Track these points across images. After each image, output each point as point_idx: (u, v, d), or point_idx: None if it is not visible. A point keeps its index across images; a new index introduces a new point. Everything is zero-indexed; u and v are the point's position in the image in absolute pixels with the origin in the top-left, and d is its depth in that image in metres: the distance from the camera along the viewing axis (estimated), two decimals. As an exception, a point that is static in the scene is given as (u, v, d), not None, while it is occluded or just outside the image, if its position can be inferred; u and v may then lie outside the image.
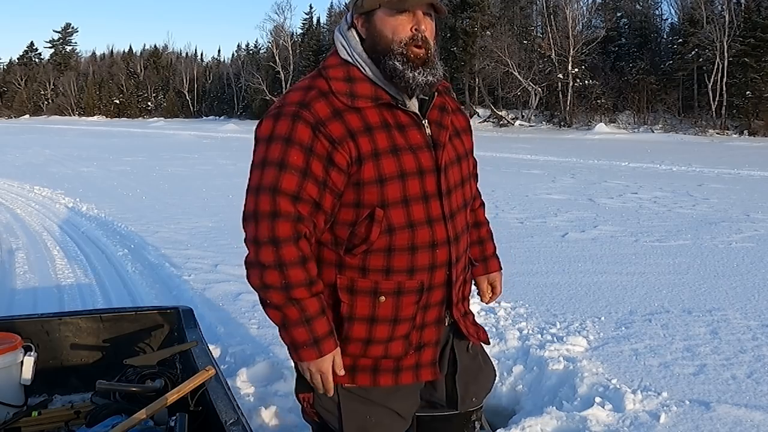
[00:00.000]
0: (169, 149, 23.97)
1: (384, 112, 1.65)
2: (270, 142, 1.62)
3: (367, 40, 1.65)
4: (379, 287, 1.67)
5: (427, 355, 1.78)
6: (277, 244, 1.59)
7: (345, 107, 1.61)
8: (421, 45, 1.61)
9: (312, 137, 1.58)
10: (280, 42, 59.52)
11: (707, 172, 14.20)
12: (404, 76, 1.61)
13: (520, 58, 39.37)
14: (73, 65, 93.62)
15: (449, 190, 1.71)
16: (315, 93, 1.63)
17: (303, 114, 1.59)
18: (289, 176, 1.58)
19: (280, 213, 1.59)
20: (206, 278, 5.58)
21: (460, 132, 1.82)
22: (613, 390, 3.20)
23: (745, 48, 32.10)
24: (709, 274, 5.52)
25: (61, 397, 2.88)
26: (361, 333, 1.70)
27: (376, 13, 1.63)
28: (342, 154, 1.59)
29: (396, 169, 1.62)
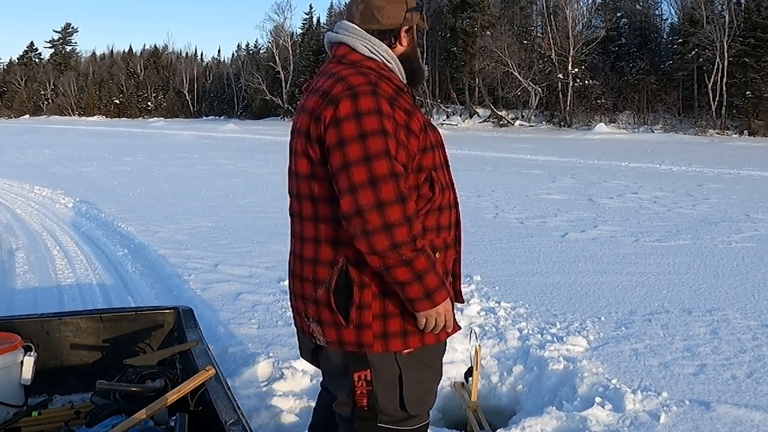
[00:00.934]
0: (169, 149, 23.97)
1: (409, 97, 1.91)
2: (361, 117, 1.74)
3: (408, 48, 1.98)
4: (434, 244, 1.87)
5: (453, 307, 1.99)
6: (404, 200, 1.73)
7: (398, 88, 1.86)
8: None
9: (391, 110, 1.78)
10: (280, 42, 59.54)
11: (707, 172, 14.20)
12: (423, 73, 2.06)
13: (520, 58, 39.38)
14: (73, 65, 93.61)
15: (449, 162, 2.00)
16: (374, 76, 1.83)
17: (379, 91, 1.78)
18: (392, 142, 1.75)
19: (398, 173, 1.74)
20: (206, 278, 5.57)
21: None
22: (613, 390, 3.20)
23: (745, 48, 32.12)
24: (709, 274, 5.52)
25: (61, 397, 2.89)
26: None
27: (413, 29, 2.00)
28: (416, 121, 1.82)
29: (434, 139, 1.91)
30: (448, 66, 44.03)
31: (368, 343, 1.85)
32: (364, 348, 1.86)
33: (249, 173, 14.56)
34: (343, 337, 1.86)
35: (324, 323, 1.87)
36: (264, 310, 4.68)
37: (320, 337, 1.91)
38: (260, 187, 12.14)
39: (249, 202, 10.13)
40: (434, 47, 44.95)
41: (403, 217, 1.71)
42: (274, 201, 10.22)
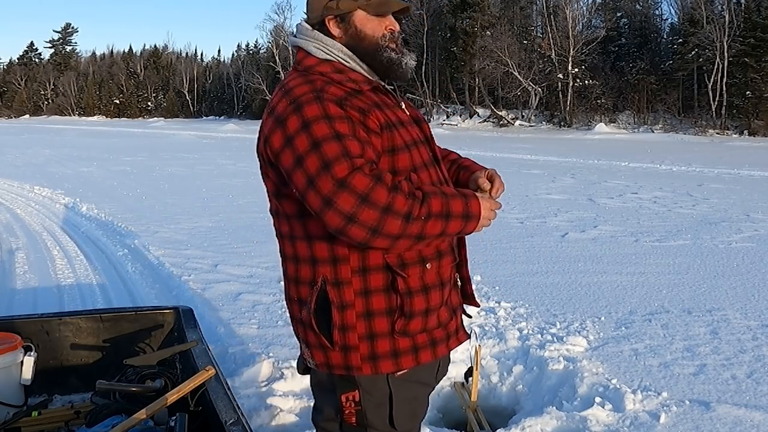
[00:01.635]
0: (169, 149, 23.97)
1: (379, 95, 1.77)
2: (308, 126, 1.61)
3: (344, 39, 1.78)
4: (423, 254, 1.73)
5: (459, 317, 1.89)
6: (380, 179, 1.59)
7: (351, 90, 1.70)
8: (397, 41, 1.81)
9: (342, 111, 1.64)
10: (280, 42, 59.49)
11: (707, 172, 14.20)
12: (401, 62, 1.79)
13: (520, 58, 39.38)
14: (73, 65, 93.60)
15: (438, 159, 1.86)
16: (320, 82, 1.69)
17: (324, 96, 1.65)
18: (350, 142, 1.61)
19: (361, 165, 1.59)
20: (206, 278, 5.57)
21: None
22: (613, 390, 3.20)
23: (745, 48, 32.12)
24: (709, 274, 5.52)
25: (61, 397, 2.88)
26: (421, 304, 1.73)
27: (354, 14, 1.76)
28: (372, 120, 1.68)
29: (409, 138, 1.75)
30: (448, 66, 44.02)
31: (356, 365, 1.74)
32: (352, 371, 1.75)
33: (249, 173, 14.56)
34: (330, 360, 1.76)
35: (311, 345, 1.78)
36: (264, 310, 4.68)
37: (309, 360, 1.82)
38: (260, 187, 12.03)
39: (249, 202, 10.12)
40: (434, 47, 44.96)
41: (389, 191, 1.58)
42: (274, 201, 10.22)
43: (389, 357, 1.74)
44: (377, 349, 1.73)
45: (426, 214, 1.61)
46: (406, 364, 1.75)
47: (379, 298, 1.71)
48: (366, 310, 1.71)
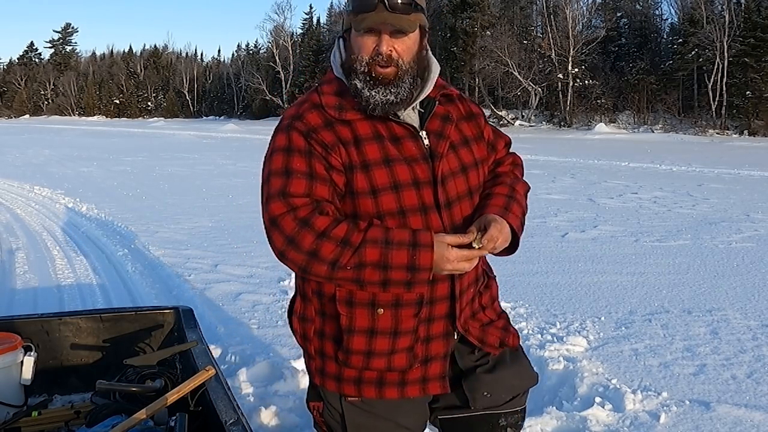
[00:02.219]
0: (169, 149, 23.97)
1: (377, 124, 1.65)
2: (272, 156, 1.66)
3: (344, 57, 1.68)
4: (377, 299, 1.65)
5: (434, 369, 1.74)
6: (307, 224, 1.56)
7: (335, 119, 1.64)
8: (385, 65, 1.59)
9: (306, 144, 1.62)
10: (280, 42, 59.52)
11: (707, 172, 14.20)
12: (362, 95, 1.61)
13: (520, 58, 39.37)
14: (73, 65, 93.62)
15: (449, 202, 1.68)
16: (308, 105, 1.68)
17: (296, 125, 1.64)
18: (296, 181, 1.60)
19: (296, 206, 1.58)
20: (206, 278, 5.57)
21: (469, 140, 1.78)
22: (613, 390, 3.20)
23: (745, 48, 32.10)
24: (709, 274, 5.52)
25: (61, 397, 2.88)
26: (361, 345, 1.68)
27: (351, 31, 1.64)
28: (335, 158, 1.61)
29: (389, 180, 1.62)
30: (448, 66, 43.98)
31: (313, 374, 1.80)
32: (314, 378, 1.80)
33: (249, 173, 14.55)
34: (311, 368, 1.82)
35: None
36: (264, 310, 4.68)
37: None
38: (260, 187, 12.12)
39: (249, 202, 10.12)
40: (434, 47, 44.92)
41: (316, 238, 1.55)
42: (274, 201, 10.22)
43: (334, 379, 1.74)
44: (326, 368, 1.75)
45: (356, 263, 1.54)
46: (348, 391, 1.73)
47: (331, 323, 1.72)
48: (321, 329, 1.75)
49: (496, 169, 1.88)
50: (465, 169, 1.73)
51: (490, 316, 1.86)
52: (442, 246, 1.57)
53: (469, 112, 1.82)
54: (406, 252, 1.55)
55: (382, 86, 1.60)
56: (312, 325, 1.76)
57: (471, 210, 1.73)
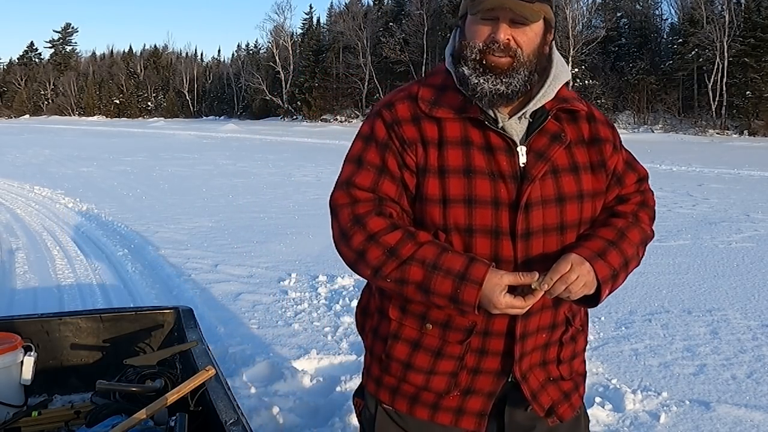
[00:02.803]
0: (169, 149, 23.97)
1: (470, 128, 1.49)
2: (354, 141, 1.59)
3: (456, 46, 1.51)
4: (429, 313, 1.55)
5: (474, 403, 1.60)
6: (360, 222, 1.48)
7: (424, 114, 1.51)
8: (499, 53, 1.43)
9: (387, 136, 1.51)
10: (280, 42, 59.53)
11: (707, 172, 14.20)
12: (469, 82, 1.45)
13: (520, 58, 39.36)
14: (73, 65, 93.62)
15: (529, 232, 1.47)
16: (403, 95, 1.57)
17: (383, 113, 1.54)
18: (364, 172, 1.51)
19: (358, 199, 1.50)
20: (206, 278, 5.57)
21: (579, 168, 1.54)
22: (613, 390, 3.20)
23: (745, 48, 32.13)
24: (709, 274, 5.52)
25: (61, 397, 2.88)
26: (402, 354, 1.60)
27: (467, 18, 1.49)
28: (410, 156, 1.49)
29: (463, 192, 1.46)
30: (448, 66, 44.02)
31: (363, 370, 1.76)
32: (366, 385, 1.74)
33: (249, 173, 14.56)
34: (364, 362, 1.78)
35: None
36: (264, 310, 4.68)
37: None
38: (260, 187, 12.14)
39: (249, 202, 10.13)
40: (434, 47, 44.94)
41: (366, 240, 1.46)
42: (275, 201, 10.22)
43: (375, 381, 1.69)
44: (372, 368, 1.70)
45: (398, 278, 1.45)
46: (384, 398, 1.66)
47: (386, 324, 1.64)
48: (376, 326, 1.68)
49: (615, 207, 1.62)
50: (562, 200, 1.50)
51: (562, 373, 1.64)
52: (494, 288, 1.40)
53: (593, 136, 1.58)
54: (451, 282, 1.41)
55: (493, 75, 1.43)
56: (370, 320, 1.70)
57: (558, 248, 1.50)
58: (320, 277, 5.44)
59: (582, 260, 1.45)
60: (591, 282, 1.45)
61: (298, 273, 5.58)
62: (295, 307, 4.72)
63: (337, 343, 3.98)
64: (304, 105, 53.72)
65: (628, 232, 1.56)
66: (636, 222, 1.60)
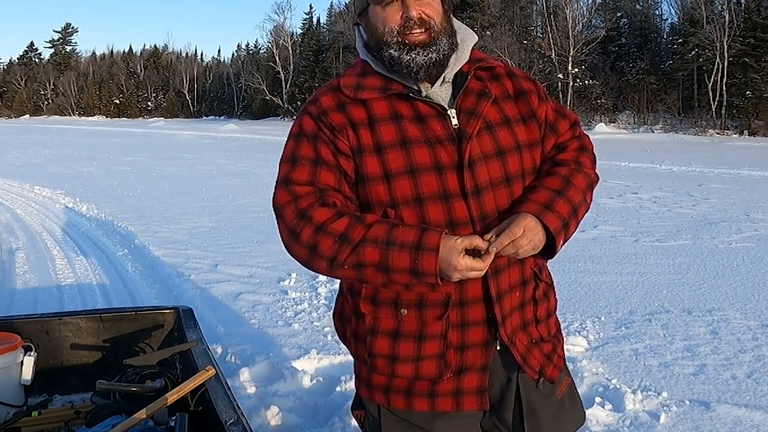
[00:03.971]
0: (169, 149, 23.97)
1: (397, 103, 1.53)
2: (286, 143, 1.61)
3: (367, 39, 1.58)
4: (400, 298, 1.54)
5: (470, 381, 1.57)
6: (305, 215, 1.49)
7: (349, 99, 1.54)
8: (417, 28, 1.49)
9: (316, 127, 1.54)
10: (280, 42, 59.53)
11: (707, 172, 14.20)
12: (401, 61, 1.49)
13: (520, 58, 39.37)
14: (73, 65, 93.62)
15: (478, 189, 1.49)
16: (325, 89, 1.61)
17: (309, 108, 1.58)
18: (300, 167, 1.53)
19: (299, 195, 1.51)
20: (206, 278, 5.58)
21: (511, 121, 1.57)
22: (613, 390, 3.20)
23: (745, 48, 32.11)
24: (709, 274, 5.52)
25: (61, 397, 2.88)
26: (384, 348, 1.57)
27: (368, 10, 1.54)
28: (342, 141, 1.52)
29: (404, 164, 1.48)
30: (448, 66, 44.05)
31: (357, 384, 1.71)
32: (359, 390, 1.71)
33: (249, 173, 14.55)
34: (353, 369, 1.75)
35: None
36: (264, 310, 4.68)
37: None
38: (260, 187, 12.13)
39: (249, 202, 10.13)
40: (434, 47, 44.95)
41: (315, 230, 1.47)
42: (274, 201, 10.22)
43: (365, 385, 1.65)
44: (361, 372, 1.67)
45: (355, 263, 1.44)
46: (379, 399, 1.63)
47: (363, 324, 1.61)
48: (355, 329, 1.64)
49: (556, 156, 1.65)
50: (502, 153, 1.53)
51: (542, 333, 1.65)
52: (450, 251, 1.41)
53: (518, 89, 1.62)
54: (407, 254, 1.41)
55: (420, 48, 1.49)
56: (349, 325, 1.66)
57: (508, 201, 1.53)
58: (320, 277, 5.44)
59: (536, 224, 1.47)
60: (539, 244, 1.48)
61: (298, 273, 5.58)
62: (295, 307, 4.72)
63: (337, 343, 3.98)
64: (304, 105, 53.71)
65: (572, 178, 1.59)
66: (579, 168, 1.63)
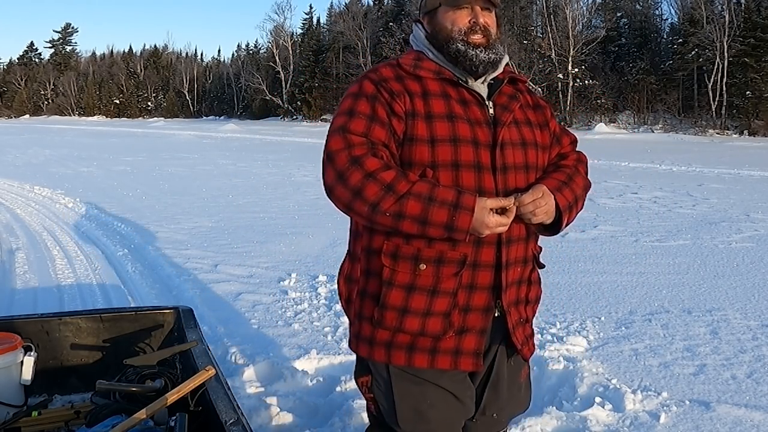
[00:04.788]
0: (169, 149, 23.96)
1: (447, 86, 1.76)
2: (342, 101, 1.76)
3: (431, 33, 1.81)
4: (421, 254, 1.69)
5: (469, 342, 1.74)
6: (358, 162, 1.62)
7: (406, 74, 1.76)
8: (480, 33, 1.75)
9: (375, 90, 1.71)
10: (280, 42, 59.52)
11: (707, 172, 14.19)
12: (467, 54, 1.73)
13: (520, 58, 39.36)
14: (73, 65, 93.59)
15: (506, 166, 1.73)
16: (383, 64, 1.83)
17: (370, 75, 1.77)
18: (357, 120, 1.68)
19: (353, 143, 1.65)
20: (206, 278, 5.57)
21: (532, 124, 1.85)
22: (613, 390, 3.20)
23: (745, 48, 32.10)
24: (709, 274, 5.52)
25: (61, 397, 2.88)
26: (397, 300, 1.70)
27: (438, 10, 1.79)
28: (399, 104, 1.69)
29: (448, 133, 1.69)
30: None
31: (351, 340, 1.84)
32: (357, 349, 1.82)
33: (249, 173, 14.55)
34: (350, 334, 1.87)
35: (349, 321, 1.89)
36: (264, 310, 4.68)
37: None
38: (260, 187, 12.14)
39: (249, 202, 10.13)
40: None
41: (364, 178, 1.60)
42: (274, 201, 10.22)
43: (367, 342, 1.78)
44: (362, 331, 1.79)
45: (396, 212, 1.60)
46: (378, 356, 1.76)
47: (374, 281, 1.74)
48: (364, 288, 1.77)
49: (559, 162, 1.92)
50: (525, 144, 1.79)
51: (528, 314, 1.87)
52: (483, 211, 1.60)
53: (536, 103, 1.92)
54: (447, 211, 1.59)
55: (483, 47, 1.75)
56: (356, 285, 1.79)
57: (525, 184, 1.75)
58: (320, 277, 5.44)
59: (550, 192, 1.72)
60: (551, 211, 1.72)
61: (298, 273, 5.58)
62: (295, 307, 4.72)
63: (337, 343, 3.98)
64: (304, 105, 53.71)
65: (574, 177, 1.86)
66: (578, 172, 1.90)
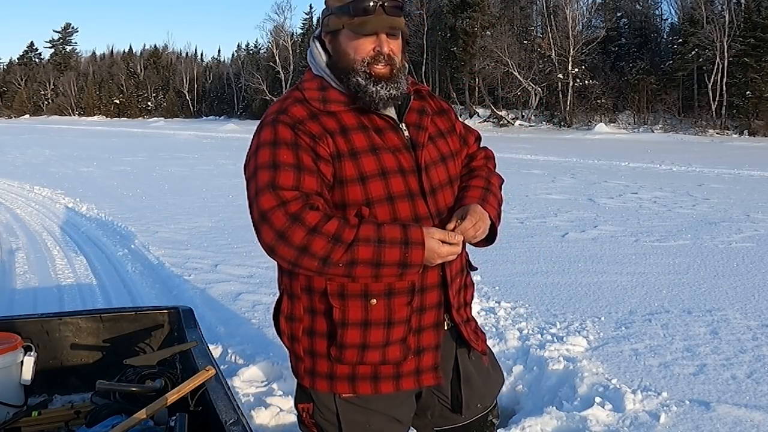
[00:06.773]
0: (169, 149, 23.96)
1: (360, 116, 1.70)
2: (258, 151, 1.66)
3: (332, 56, 1.72)
4: (369, 289, 1.67)
5: (427, 360, 1.77)
6: (298, 218, 1.57)
7: (320, 111, 1.68)
8: (383, 62, 1.67)
9: (293, 135, 1.64)
10: (280, 42, 59.50)
11: (707, 172, 14.19)
12: (367, 90, 1.66)
13: (520, 58, 39.36)
14: (73, 65, 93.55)
15: (433, 189, 1.74)
16: (291, 100, 1.71)
17: (281, 118, 1.66)
18: (284, 173, 1.60)
19: (287, 199, 1.58)
20: (206, 278, 5.57)
21: (444, 133, 1.84)
22: (613, 390, 3.20)
23: (745, 48, 32.09)
24: (709, 274, 5.52)
25: (61, 397, 2.88)
26: (355, 338, 1.69)
27: (341, 32, 1.69)
28: (323, 147, 1.64)
29: (376, 167, 1.66)
30: (448, 66, 43.99)
31: (301, 376, 1.81)
32: (303, 381, 1.82)
33: (249, 173, 14.53)
34: (292, 367, 1.86)
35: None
36: (264, 310, 4.68)
37: None
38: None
39: (249, 202, 10.11)
40: (434, 47, 44.93)
41: (307, 233, 1.55)
42: (274, 201, 10.22)
43: (326, 378, 1.75)
44: (316, 367, 1.76)
45: (349, 260, 1.57)
46: (342, 389, 1.75)
47: (321, 320, 1.73)
48: (310, 327, 1.76)
49: (470, 164, 1.94)
50: (444, 159, 1.80)
51: (468, 315, 1.92)
52: (432, 242, 1.61)
53: (440, 107, 1.89)
54: (398, 250, 1.58)
55: (384, 82, 1.67)
56: (300, 324, 1.77)
57: (452, 199, 1.79)
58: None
59: (483, 210, 1.73)
60: (488, 222, 1.75)
61: (298, 273, 5.57)
62: (295, 307, 4.71)
63: (337, 343, 3.98)
64: (304, 105, 53.62)
65: (491, 179, 1.89)
66: (491, 171, 1.94)
